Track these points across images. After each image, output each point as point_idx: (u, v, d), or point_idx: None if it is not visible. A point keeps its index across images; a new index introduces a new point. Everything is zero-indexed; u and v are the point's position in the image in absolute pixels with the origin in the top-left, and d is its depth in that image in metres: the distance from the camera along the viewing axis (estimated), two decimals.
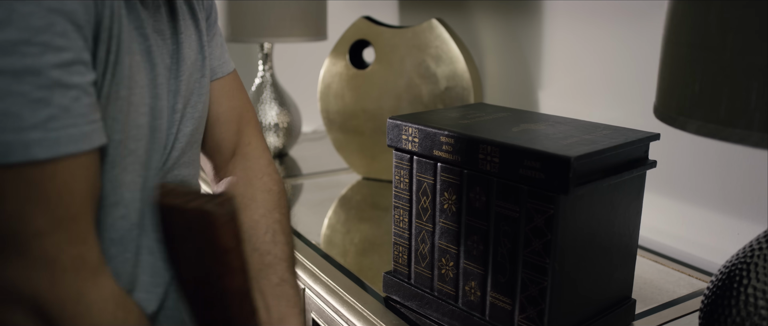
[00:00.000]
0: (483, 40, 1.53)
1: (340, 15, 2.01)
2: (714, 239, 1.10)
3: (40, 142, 0.54)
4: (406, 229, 0.89)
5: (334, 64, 1.49)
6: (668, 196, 1.16)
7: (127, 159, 0.67)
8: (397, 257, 0.91)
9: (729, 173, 1.07)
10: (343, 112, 1.48)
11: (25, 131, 0.54)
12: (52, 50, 0.55)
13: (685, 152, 1.07)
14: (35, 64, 0.54)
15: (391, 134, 0.87)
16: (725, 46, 0.53)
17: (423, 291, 0.88)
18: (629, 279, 0.86)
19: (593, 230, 0.76)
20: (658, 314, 0.91)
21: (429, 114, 0.90)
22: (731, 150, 1.05)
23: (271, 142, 1.71)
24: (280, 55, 2.47)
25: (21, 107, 0.53)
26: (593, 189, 0.74)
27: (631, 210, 0.82)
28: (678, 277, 1.04)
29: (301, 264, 1.07)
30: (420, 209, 0.86)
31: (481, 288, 0.80)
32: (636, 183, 0.81)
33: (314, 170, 1.64)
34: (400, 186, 0.88)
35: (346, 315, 0.92)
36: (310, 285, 1.03)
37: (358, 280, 1.00)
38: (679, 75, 0.58)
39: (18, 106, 0.53)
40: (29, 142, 0.54)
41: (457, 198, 0.81)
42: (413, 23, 1.59)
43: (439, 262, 0.85)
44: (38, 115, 0.54)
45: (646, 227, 1.18)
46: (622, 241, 0.82)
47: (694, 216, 1.13)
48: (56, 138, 0.55)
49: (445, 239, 0.84)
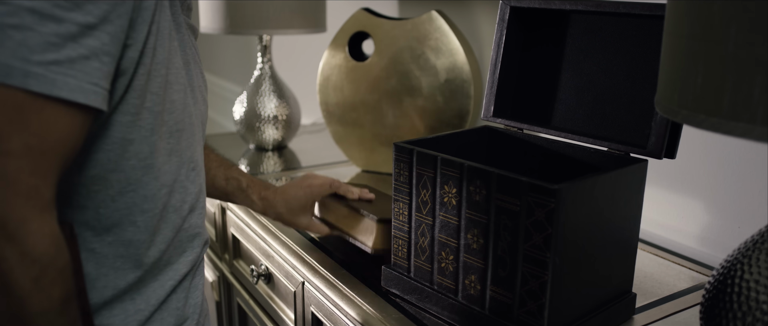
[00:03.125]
0: (483, 32, 1.53)
1: (340, 7, 2.00)
2: (715, 232, 1.09)
3: (38, 76, 0.63)
4: (406, 222, 0.88)
5: (333, 56, 1.48)
6: (669, 189, 1.16)
7: (162, 128, 0.77)
8: (396, 250, 0.91)
9: (730, 166, 1.06)
10: (342, 105, 1.48)
11: (30, 64, 0.62)
12: (80, 10, 0.63)
13: (687, 145, 1.07)
14: (62, 15, 0.63)
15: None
16: (728, 39, 0.52)
17: (423, 284, 0.88)
18: (630, 272, 0.86)
19: (594, 224, 0.76)
20: (659, 307, 0.91)
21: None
22: (733, 143, 1.04)
23: (270, 134, 1.71)
24: (279, 47, 2.46)
25: (35, 43, 0.62)
26: (594, 182, 0.74)
27: (631, 203, 0.81)
28: (678, 271, 1.04)
29: (299, 257, 1.07)
30: (420, 202, 0.86)
31: (481, 282, 0.80)
32: (637, 177, 0.81)
33: (313, 163, 1.64)
34: (400, 179, 0.88)
35: (345, 308, 0.92)
36: (309, 279, 1.02)
37: (358, 273, 1.00)
38: (681, 68, 0.57)
39: (33, 42, 0.62)
40: (29, 73, 0.62)
41: (458, 191, 0.80)
42: (413, 15, 1.58)
43: (439, 256, 0.85)
44: (46, 55, 0.63)
45: (647, 220, 1.18)
46: (622, 235, 0.82)
47: (695, 209, 1.12)
48: (53, 79, 0.63)
49: (445, 232, 0.83)
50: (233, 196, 1.08)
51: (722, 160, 1.07)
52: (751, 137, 0.52)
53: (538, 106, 0.98)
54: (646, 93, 0.85)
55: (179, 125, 0.80)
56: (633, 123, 0.87)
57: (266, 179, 1.50)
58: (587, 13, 0.91)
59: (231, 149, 1.76)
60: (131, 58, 0.71)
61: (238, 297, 1.40)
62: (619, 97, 0.88)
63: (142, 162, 0.76)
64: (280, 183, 1.11)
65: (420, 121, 1.41)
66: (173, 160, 0.81)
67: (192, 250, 0.87)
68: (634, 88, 0.87)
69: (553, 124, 0.96)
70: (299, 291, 1.07)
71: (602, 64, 0.90)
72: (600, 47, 0.91)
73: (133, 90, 0.73)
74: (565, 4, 0.90)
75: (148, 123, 0.75)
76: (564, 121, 0.95)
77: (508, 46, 0.97)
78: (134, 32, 0.70)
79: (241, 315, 1.41)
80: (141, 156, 0.76)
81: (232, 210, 1.35)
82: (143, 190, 0.78)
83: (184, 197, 0.83)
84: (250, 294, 1.34)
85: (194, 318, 0.88)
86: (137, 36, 0.70)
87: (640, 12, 0.82)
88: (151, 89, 0.75)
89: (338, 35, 1.48)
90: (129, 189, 0.77)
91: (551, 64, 0.96)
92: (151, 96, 0.75)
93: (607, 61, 0.90)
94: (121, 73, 0.71)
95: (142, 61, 0.72)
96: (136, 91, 0.73)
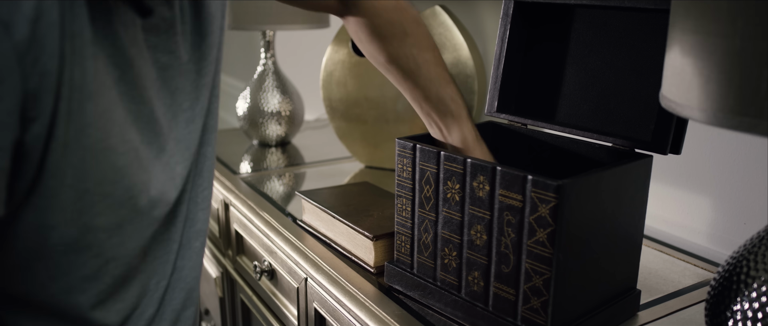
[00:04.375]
0: (487, 27, 1.52)
1: None
2: (720, 229, 1.09)
3: None
4: (409, 219, 0.88)
5: (336, 52, 1.47)
6: (674, 185, 1.15)
7: (100, 203, 0.64)
8: (399, 246, 0.91)
9: (736, 162, 1.06)
10: (345, 100, 1.47)
11: None
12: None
13: (693, 140, 1.06)
14: None
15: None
16: (735, 33, 0.51)
17: (425, 281, 0.87)
18: (634, 269, 0.85)
19: (598, 220, 0.75)
20: (664, 304, 0.91)
21: None
22: (739, 138, 1.04)
23: (273, 130, 1.70)
24: (282, 42, 2.46)
25: None
26: (598, 178, 0.73)
27: (636, 199, 0.81)
28: (683, 267, 1.03)
29: (302, 253, 1.07)
30: (423, 198, 0.85)
31: (485, 279, 0.80)
32: (642, 173, 0.80)
33: (317, 159, 1.63)
34: (402, 175, 0.87)
35: (348, 304, 0.91)
36: (312, 275, 1.02)
37: (361, 269, 0.99)
38: (687, 62, 0.57)
39: None
40: None
41: (461, 187, 0.80)
42: None
43: (442, 252, 0.84)
44: None
45: (652, 216, 1.17)
46: (627, 231, 0.81)
47: (700, 205, 1.12)
48: None
49: (448, 229, 0.83)
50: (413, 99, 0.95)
51: (728, 156, 1.06)
52: (757, 132, 0.51)
53: (542, 101, 0.97)
54: (652, 88, 0.84)
55: (134, 190, 0.67)
56: (638, 118, 0.86)
57: (269, 175, 1.50)
58: (592, 7, 0.90)
59: (234, 145, 1.75)
60: (37, 135, 0.56)
61: (242, 294, 1.40)
62: (623, 92, 0.88)
63: (71, 246, 0.64)
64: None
65: None
66: (128, 229, 0.68)
67: (156, 288, 0.78)
68: (639, 83, 0.86)
69: (557, 119, 0.95)
70: (302, 288, 1.07)
71: (607, 59, 0.90)
72: (605, 42, 0.90)
73: (46, 169, 0.59)
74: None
75: (72, 203, 0.61)
76: (568, 117, 0.94)
77: (512, 42, 0.97)
78: (36, 103, 0.55)
79: (245, 312, 1.41)
80: (69, 241, 0.64)
81: (235, 206, 1.35)
82: (81, 272, 0.66)
83: (146, 258, 0.73)
84: (253, 291, 1.34)
85: None
86: (42, 107, 0.56)
87: (645, 6, 0.81)
88: (71, 163, 0.60)
89: (341, 30, 1.47)
90: (61, 274, 0.65)
91: (555, 59, 0.95)
92: (71, 171, 0.60)
93: (611, 56, 0.89)
94: (26, 153, 0.57)
95: (54, 134, 0.57)
96: (50, 169, 0.59)
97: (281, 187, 1.41)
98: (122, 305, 0.73)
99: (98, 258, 0.67)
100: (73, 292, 0.67)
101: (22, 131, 0.55)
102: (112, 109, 0.62)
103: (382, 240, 0.97)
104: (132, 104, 0.66)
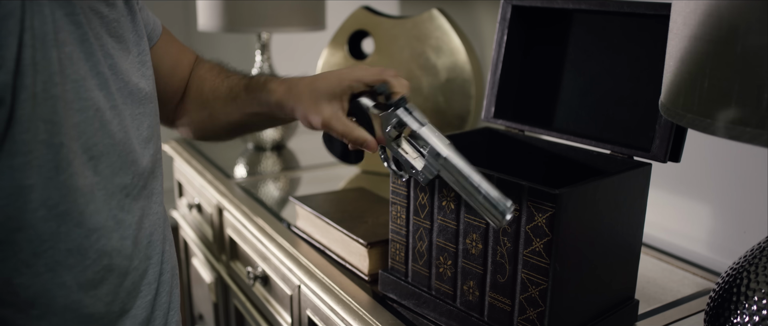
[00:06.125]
0: (484, 31, 1.51)
1: (339, 5, 1.98)
2: (720, 237, 1.07)
3: None
4: (404, 226, 0.86)
5: (332, 55, 1.46)
6: (673, 193, 1.14)
7: (75, 160, 0.63)
8: (394, 254, 0.89)
9: (736, 170, 1.04)
10: None
11: None
12: None
13: (692, 148, 1.05)
14: None
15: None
16: (736, 40, 0.50)
17: (420, 289, 0.86)
18: (632, 279, 0.84)
19: (596, 229, 0.74)
20: (662, 314, 0.89)
21: None
22: (740, 146, 1.02)
23: (268, 133, 1.69)
24: (278, 45, 2.44)
25: None
26: (596, 186, 0.72)
27: (635, 208, 0.79)
28: (682, 276, 1.02)
29: (296, 260, 1.05)
30: (418, 205, 0.84)
31: (480, 288, 0.78)
32: (640, 181, 0.79)
33: (312, 162, 1.62)
34: (397, 182, 0.86)
35: (341, 313, 0.90)
36: (305, 283, 1.01)
37: (355, 277, 0.98)
38: (688, 70, 0.55)
39: None
40: None
41: (456, 195, 0.78)
42: (413, 13, 1.56)
43: (437, 260, 0.83)
44: None
45: (651, 224, 1.16)
46: (625, 241, 0.80)
47: (699, 213, 1.10)
48: None
49: (443, 237, 0.81)
50: (245, 103, 0.88)
51: (728, 164, 1.05)
52: (759, 143, 0.50)
53: (539, 107, 0.96)
54: (651, 94, 0.83)
55: (95, 150, 0.66)
56: (637, 125, 0.85)
57: (264, 179, 1.48)
58: (590, 12, 0.89)
59: (229, 148, 1.74)
60: (4, 84, 0.57)
61: (235, 300, 1.38)
62: (622, 98, 0.86)
63: (52, 210, 0.63)
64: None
65: None
66: (98, 196, 0.67)
67: (148, 288, 0.75)
68: (638, 89, 0.85)
69: (554, 125, 0.94)
70: (296, 295, 1.05)
71: (605, 65, 0.88)
72: (603, 47, 0.89)
73: (18, 122, 0.58)
74: (568, 3, 0.88)
75: (49, 160, 0.61)
76: (566, 123, 0.93)
77: (509, 46, 0.95)
78: (2, 49, 0.56)
79: (238, 318, 1.40)
80: (50, 203, 0.62)
81: (228, 211, 1.33)
82: (65, 244, 0.65)
83: (122, 233, 0.70)
84: (247, 297, 1.33)
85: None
86: (5, 54, 0.56)
87: (644, 11, 0.80)
88: (42, 116, 0.60)
89: (338, 33, 1.46)
90: (46, 248, 0.64)
91: (553, 64, 0.94)
92: (44, 125, 0.60)
93: (610, 62, 0.88)
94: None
95: (22, 84, 0.58)
96: (22, 123, 0.58)
97: (276, 192, 1.39)
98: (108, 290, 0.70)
99: (80, 227, 0.65)
100: (58, 270, 0.65)
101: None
102: (68, 63, 0.63)
103: (377, 247, 0.96)
104: (87, 58, 0.66)
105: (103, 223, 0.68)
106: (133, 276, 0.73)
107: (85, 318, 0.69)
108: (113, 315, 0.72)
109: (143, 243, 0.75)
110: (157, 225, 0.78)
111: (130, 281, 0.73)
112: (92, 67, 0.66)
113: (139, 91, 0.74)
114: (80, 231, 0.66)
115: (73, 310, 0.67)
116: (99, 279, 0.69)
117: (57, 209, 0.63)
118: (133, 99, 0.73)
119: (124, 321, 0.73)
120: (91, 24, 0.67)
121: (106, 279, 0.70)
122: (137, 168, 0.73)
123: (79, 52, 0.64)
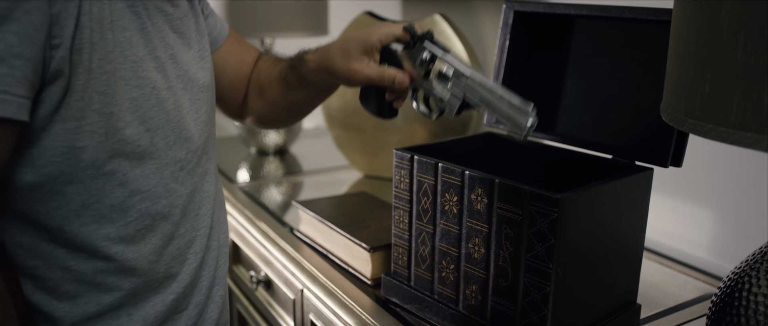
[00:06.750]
0: (486, 36, 1.51)
1: (342, 10, 1.98)
2: (722, 242, 1.08)
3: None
4: (406, 230, 0.87)
5: None
6: (675, 198, 1.14)
7: (126, 130, 0.71)
8: (396, 259, 0.90)
9: (738, 174, 1.05)
10: (344, 109, 1.46)
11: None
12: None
13: (694, 153, 1.05)
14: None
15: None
16: (737, 46, 0.50)
17: (423, 294, 0.86)
18: (634, 283, 0.84)
19: (598, 233, 0.74)
20: (664, 319, 0.89)
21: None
22: (741, 151, 1.02)
23: (272, 138, 1.69)
24: (280, 50, 2.45)
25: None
26: (598, 191, 0.72)
27: (637, 213, 0.80)
28: (684, 280, 1.02)
29: (299, 265, 1.06)
30: (420, 210, 0.84)
31: (482, 293, 0.78)
32: (642, 186, 0.79)
33: (315, 167, 1.62)
34: (400, 187, 0.86)
35: (344, 317, 0.90)
36: (308, 287, 1.01)
37: (357, 281, 0.98)
38: (688, 75, 0.56)
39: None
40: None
41: (458, 199, 0.79)
42: (415, 18, 1.57)
43: (440, 265, 0.83)
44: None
45: (653, 228, 1.16)
46: (627, 245, 0.80)
47: (701, 218, 1.11)
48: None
49: (445, 241, 0.82)
50: (292, 82, 0.95)
51: (729, 169, 1.05)
52: (760, 147, 0.50)
53: (541, 112, 0.96)
54: (652, 100, 0.83)
55: (151, 123, 0.75)
56: (638, 130, 0.85)
57: (267, 184, 1.49)
58: (592, 18, 0.89)
59: (232, 153, 1.74)
60: (62, 58, 0.65)
61: (238, 304, 1.38)
62: (624, 103, 0.87)
63: (99, 170, 0.71)
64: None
65: (422, 126, 1.39)
66: (149, 164, 0.75)
67: (194, 257, 0.83)
68: (639, 94, 0.85)
69: (557, 130, 0.94)
70: (298, 299, 1.06)
71: (607, 70, 0.89)
72: (605, 53, 0.89)
73: (73, 92, 0.67)
74: (569, 9, 0.88)
75: (100, 127, 0.69)
76: (568, 128, 0.93)
77: (511, 51, 0.96)
78: (59, 28, 0.64)
79: (241, 322, 1.40)
80: (98, 164, 0.71)
81: (231, 215, 1.34)
82: (109, 200, 0.73)
83: (172, 201, 0.79)
84: (249, 301, 1.33)
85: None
86: (64, 32, 0.64)
87: (646, 17, 0.81)
88: (96, 88, 0.68)
89: None
90: (92, 201, 0.72)
91: (555, 69, 0.95)
92: (97, 96, 0.68)
93: (612, 67, 0.88)
94: (55, 76, 0.65)
95: (79, 59, 0.66)
96: (77, 93, 0.67)
97: (279, 196, 1.40)
98: (150, 247, 0.78)
99: (123, 187, 0.73)
100: (102, 222, 0.73)
101: (50, 57, 0.64)
102: (126, 46, 0.72)
103: (380, 251, 0.96)
104: (146, 43, 0.75)
105: (151, 188, 0.76)
106: (178, 242, 0.81)
107: (129, 270, 0.76)
108: (159, 275, 0.79)
109: (191, 215, 0.83)
110: (206, 201, 0.86)
111: (176, 246, 0.81)
112: (150, 52, 0.75)
113: (197, 80, 0.84)
114: (123, 191, 0.74)
115: (115, 260, 0.75)
116: (140, 237, 0.76)
117: (103, 169, 0.71)
118: (192, 85, 0.83)
119: (170, 283, 0.81)
120: (152, 18, 0.77)
121: (146, 238, 0.77)
122: (191, 145, 0.81)
123: (138, 38, 0.74)
